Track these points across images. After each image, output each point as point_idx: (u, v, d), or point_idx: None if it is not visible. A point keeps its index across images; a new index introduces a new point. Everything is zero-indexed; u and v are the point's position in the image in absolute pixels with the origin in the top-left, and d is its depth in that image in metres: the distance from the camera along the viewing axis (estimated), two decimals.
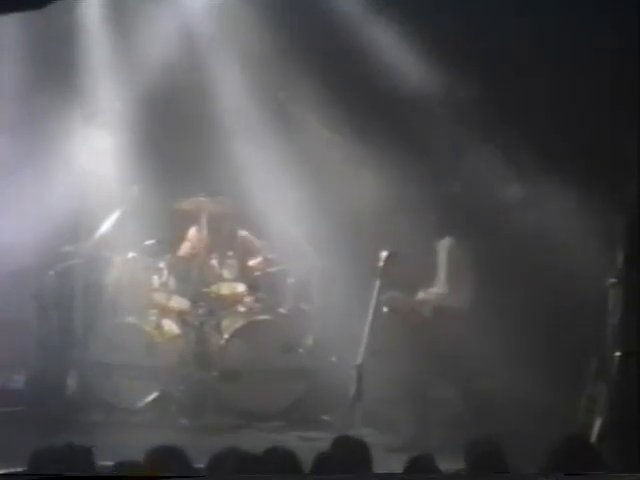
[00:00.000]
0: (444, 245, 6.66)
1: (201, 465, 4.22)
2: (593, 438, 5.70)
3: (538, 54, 6.72)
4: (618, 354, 5.92)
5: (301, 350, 7.11)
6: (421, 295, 6.61)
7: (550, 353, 6.52)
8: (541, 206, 6.77)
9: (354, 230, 7.15)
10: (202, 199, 7.31)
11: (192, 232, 7.49)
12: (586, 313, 6.32)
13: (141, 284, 7.19)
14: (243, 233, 7.49)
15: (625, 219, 6.09)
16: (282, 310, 7.25)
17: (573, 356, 6.31)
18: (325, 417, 6.88)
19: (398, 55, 7.10)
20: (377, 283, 6.15)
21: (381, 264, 6.24)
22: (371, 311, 6.05)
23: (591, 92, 6.61)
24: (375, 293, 6.12)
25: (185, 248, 7.46)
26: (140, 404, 6.94)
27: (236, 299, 7.26)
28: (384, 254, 6.26)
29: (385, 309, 6.24)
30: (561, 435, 4.37)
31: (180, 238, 7.49)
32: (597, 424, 5.87)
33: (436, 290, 6.61)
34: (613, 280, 6.05)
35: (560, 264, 6.52)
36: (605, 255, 6.20)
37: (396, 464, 4.34)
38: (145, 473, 3.95)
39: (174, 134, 7.44)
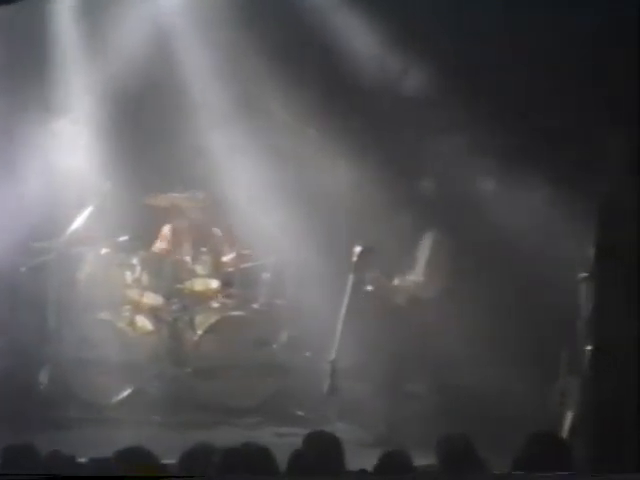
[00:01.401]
0: (420, 238, 6.66)
1: (173, 461, 4.21)
2: (564, 433, 5.75)
3: (508, 46, 6.76)
4: (589, 348, 5.95)
5: (275, 346, 7.13)
6: (396, 282, 6.62)
7: (522, 347, 6.56)
8: (513, 199, 6.80)
9: (329, 225, 7.16)
10: (175, 195, 7.32)
11: (165, 228, 7.49)
12: (558, 307, 6.35)
13: (114, 280, 7.18)
14: (216, 229, 7.48)
15: (597, 213, 6.11)
16: (256, 306, 7.27)
17: (545, 350, 6.36)
18: (299, 412, 6.89)
19: (372, 49, 7.13)
20: (351, 278, 6.12)
21: (355, 259, 6.22)
22: (345, 306, 6.03)
23: (562, 85, 6.66)
24: (349, 288, 6.10)
25: (158, 244, 7.45)
26: (114, 400, 6.94)
27: (210, 295, 7.27)
28: (357, 249, 6.25)
29: (369, 287, 6.23)
30: (532, 429, 4.39)
31: (153, 234, 7.48)
32: (568, 418, 5.93)
33: (413, 278, 6.62)
34: (584, 274, 6.08)
35: (532, 258, 6.55)
36: (577, 249, 6.23)
37: (370, 459, 4.33)
38: (146, 473, 3.98)
39: (147, 130, 7.43)
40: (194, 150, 7.30)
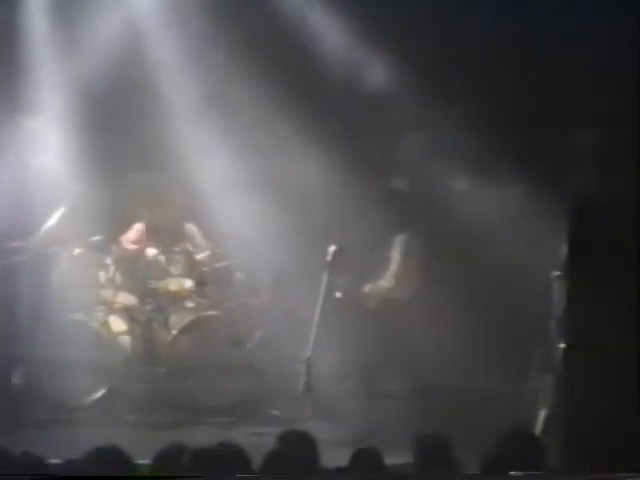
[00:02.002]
0: (392, 238, 6.69)
1: (147, 461, 4.19)
2: (537, 431, 5.77)
3: (482, 41, 6.77)
4: (562, 346, 5.98)
5: (249, 345, 7.13)
6: (368, 288, 6.65)
7: (496, 346, 6.59)
8: (486, 198, 6.84)
9: (303, 224, 7.17)
10: (148, 193, 7.31)
11: (138, 227, 7.46)
12: (531, 306, 6.38)
13: (87, 280, 7.17)
14: (190, 228, 7.46)
15: (569, 211, 6.14)
16: (230, 305, 7.27)
17: (518, 349, 6.39)
18: (274, 412, 6.91)
19: (344, 47, 7.14)
20: (325, 278, 6.12)
21: (329, 259, 6.22)
22: (319, 305, 6.04)
23: (538, 80, 6.68)
24: (323, 288, 6.10)
25: (132, 244, 7.42)
26: (87, 401, 6.91)
27: (184, 295, 7.26)
28: (332, 249, 6.25)
29: (338, 294, 6.24)
30: (505, 428, 4.41)
31: (127, 233, 7.47)
32: (541, 417, 5.96)
33: (383, 283, 6.63)
34: (557, 272, 6.11)
35: (505, 257, 6.59)
36: (550, 247, 6.26)
37: (345, 459, 4.35)
38: (146, 473, 3.98)
39: (119, 128, 7.41)
40: (168, 148, 7.27)
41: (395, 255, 6.69)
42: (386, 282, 6.68)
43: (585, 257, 6.05)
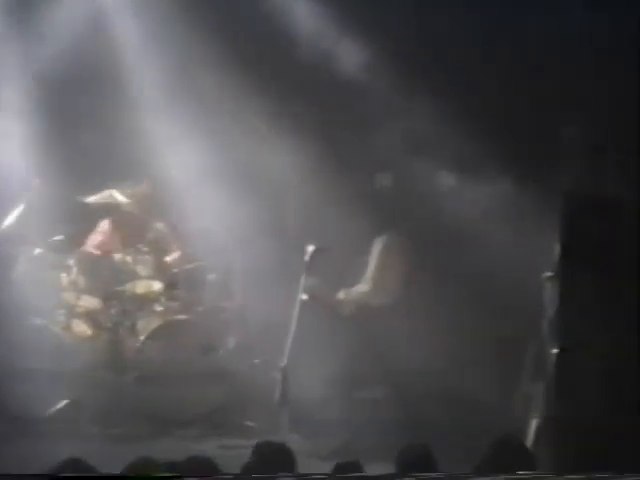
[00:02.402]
0: (372, 238, 6.73)
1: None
2: (528, 438, 5.82)
3: (470, 33, 6.82)
4: (554, 351, 6.03)
5: (222, 352, 7.14)
6: (342, 295, 6.71)
7: (484, 350, 6.63)
8: (473, 196, 6.88)
9: (279, 223, 7.21)
10: (113, 190, 7.30)
11: (103, 226, 7.45)
12: (521, 308, 6.43)
13: (48, 282, 7.14)
14: (158, 226, 7.45)
15: (561, 210, 6.19)
16: (201, 309, 7.27)
17: (507, 353, 6.45)
18: (248, 423, 6.91)
19: (321, 32, 7.15)
20: (302, 279, 6.14)
21: (307, 259, 6.23)
22: (296, 310, 6.05)
23: (527, 75, 6.73)
24: (301, 290, 6.11)
25: (96, 243, 7.41)
26: (48, 412, 6.86)
27: (152, 298, 7.26)
28: (310, 248, 6.26)
29: (304, 297, 6.28)
30: (494, 436, 4.44)
31: (90, 233, 7.45)
32: (532, 424, 5.99)
33: (359, 288, 6.69)
34: (549, 273, 6.16)
35: (494, 257, 6.62)
36: (541, 246, 6.30)
37: (324, 472, 4.39)
38: (146, 473, 4.00)
39: (79, 119, 7.40)
40: (133, 142, 7.26)
41: (373, 257, 6.71)
42: (364, 286, 6.71)
43: (578, 257, 6.11)
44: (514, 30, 6.64)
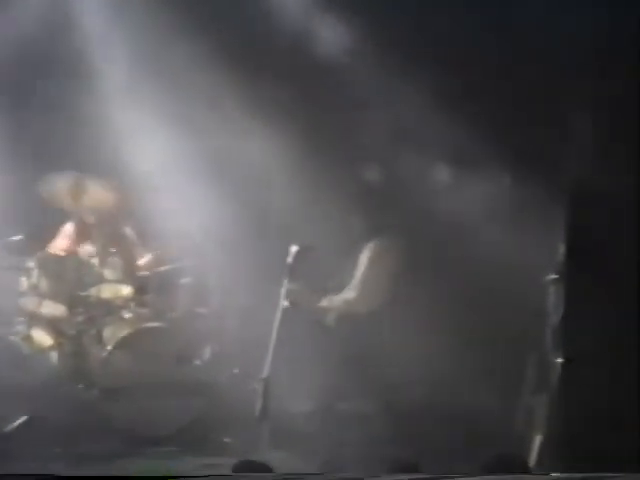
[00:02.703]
0: (361, 238, 6.78)
1: None
2: (530, 455, 5.90)
3: (466, 19, 6.89)
4: (559, 360, 6.09)
5: (198, 362, 7.19)
6: (327, 302, 6.81)
7: (481, 359, 6.69)
8: (471, 191, 6.94)
9: (260, 221, 7.25)
10: (77, 185, 7.32)
11: (67, 225, 7.51)
12: (522, 314, 6.50)
13: (6, 287, 7.16)
14: (128, 225, 7.53)
15: (567, 207, 6.26)
16: (175, 315, 7.33)
17: (508, 363, 6.50)
18: (226, 439, 6.96)
19: (306, 13, 7.21)
20: (285, 283, 6.20)
21: (290, 260, 6.27)
22: (279, 316, 6.11)
23: (531, 59, 6.79)
24: (283, 295, 6.17)
25: (59, 244, 7.47)
26: (6, 429, 6.88)
27: (121, 303, 7.32)
28: (294, 249, 6.30)
29: (285, 303, 6.33)
30: (494, 452, 4.48)
31: (53, 232, 7.51)
32: (535, 440, 6.07)
33: (346, 295, 6.80)
34: (553, 276, 6.23)
35: (492, 258, 6.66)
36: (544, 247, 6.36)
37: None
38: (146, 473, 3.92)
39: (41, 112, 7.44)
40: (97, 130, 7.29)
41: (362, 263, 6.79)
42: (351, 293, 6.80)
43: (585, 257, 6.19)
44: (513, 24, 6.76)
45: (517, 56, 6.76)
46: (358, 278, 6.80)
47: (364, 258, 6.83)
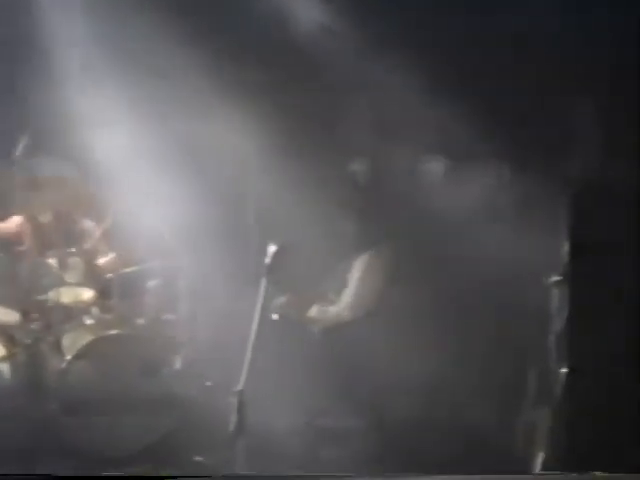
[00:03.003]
0: (346, 235, 6.90)
1: None
2: (532, 474, 6.00)
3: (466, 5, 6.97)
4: (564, 370, 6.15)
5: (166, 373, 7.20)
6: (315, 313, 6.87)
7: (479, 370, 6.72)
8: (467, 186, 6.97)
9: (234, 219, 7.31)
10: (31, 176, 7.34)
11: (19, 221, 7.50)
12: (523, 319, 6.55)
13: None
14: (89, 222, 7.52)
15: (571, 201, 6.32)
16: (141, 322, 7.35)
17: (507, 373, 6.54)
18: (198, 458, 6.99)
19: None
20: (263, 286, 6.17)
21: (268, 261, 6.27)
22: (256, 322, 6.07)
23: (532, 47, 6.87)
24: (260, 299, 6.14)
25: (11, 243, 7.45)
26: None
27: (81, 308, 7.32)
28: (272, 248, 6.30)
29: (275, 316, 6.32)
30: (493, 471, 4.50)
31: (3, 230, 7.49)
32: (537, 457, 6.14)
33: (337, 307, 6.87)
34: (556, 277, 6.29)
35: (491, 258, 6.69)
36: (546, 246, 6.41)
37: None
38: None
39: None
40: (53, 115, 7.25)
41: (355, 273, 6.84)
42: (342, 305, 6.86)
43: (591, 257, 6.23)
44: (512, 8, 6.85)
45: (518, 42, 6.83)
46: (351, 292, 6.85)
47: (357, 271, 6.89)
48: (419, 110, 6.89)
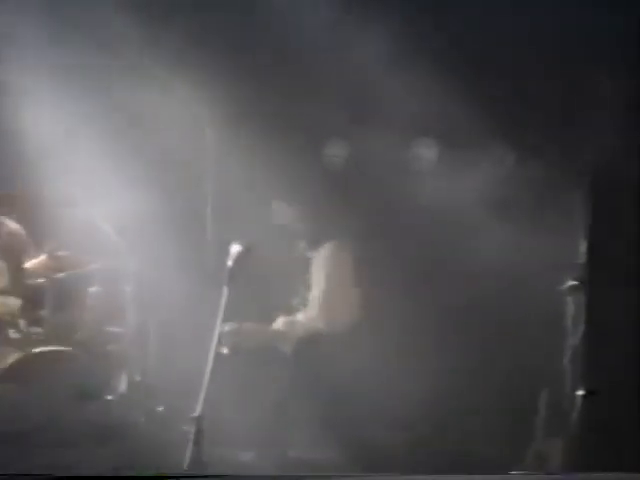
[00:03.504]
0: (319, 235, 6.91)
1: None
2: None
3: None
4: (580, 393, 6.19)
5: (110, 397, 7.19)
6: (280, 324, 6.87)
7: (483, 392, 6.76)
8: (465, 175, 6.99)
9: (190, 213, 7.32)
10: None
11: None
12: (533, 331, 6.59)
13: None
14: (14, 220, 7.46)
15: (588, 192, 6.40)
16: (80, 336, 7.31)
17: (515, 395, 6.56)
18: None
19: None
20: (225, 292, 6.19)
21: (230, 264, 6.29)
22: (216, 337, 6.11)
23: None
24: (222, 308, 6.17)
25: None
26: None
27: (6, 320, 7.26)
28: (235, 249, 6.33)
29: (224, 350, 6.33)
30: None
31: None
32: None
33: (305, 315, 6.87)
34: (572, 283, 6.37)
35: (494, 261, 6.71)
36: (559, 246, 6.46)
37: None
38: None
39: None
40: None
41: (319, 269, 6.86)
42: (309, 313, 6.87)
43: (612, 258, 6.32)
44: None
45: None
46: (318, 292, 6.87)
47: (320, 268, 6.91)
48: (407, 85, 6.90)
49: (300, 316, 6.96)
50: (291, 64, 7.18)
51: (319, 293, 6.93)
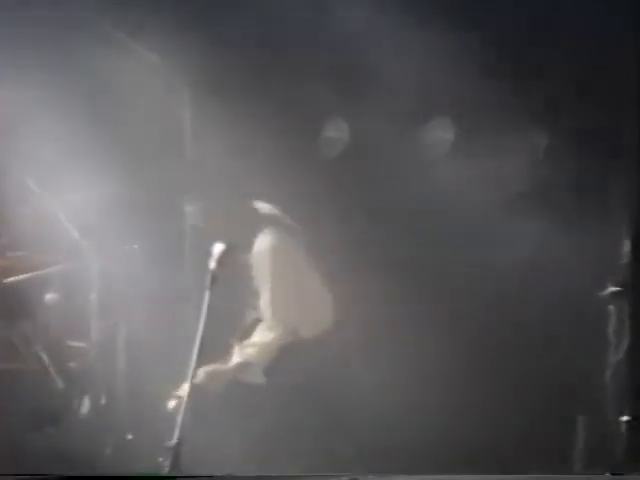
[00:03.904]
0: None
1: None
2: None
3: None
4: (624, 418, 6.20)
5: (73, 421, 7.17)
6: (237, 357, 6.84)
7: (510, 418, 6.78)
8: (485, 161, 7.03)
9: (163, 204, 7.30)
10: None
11: None
12: (568, 346, 6.65)
13: None
14: None
15: (632, 186, 6.45)
16: (37, 351, 7.25)
17: (549, 421, 6.63)
18: None
19: None
20: (206, 297, 6.11)
21: (213, 265, 6.22)
22: (196, 351, 6.00)
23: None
24: (203, 317, 6.06)
25: None
26: None
27: None
28: (218, 248, 6.26)
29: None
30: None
31: None
32: None
33: (260, 333, 6.82)
34: (614, 289, 6.38)
35: (521, 263, 6.80)
36: (599, 247, 6.51)
37: None
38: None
39: None
40: None
41: (260, 271, 6.81)
42: (265, 325, 6.80)
43: None
44: None
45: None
46: (266, 298, 6.77)
47: (264, 267, 6.80)
48: (419, 58, 7.00)
49: (257, 336, 6.82)
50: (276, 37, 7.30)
51: (269, 296, 6.85)
